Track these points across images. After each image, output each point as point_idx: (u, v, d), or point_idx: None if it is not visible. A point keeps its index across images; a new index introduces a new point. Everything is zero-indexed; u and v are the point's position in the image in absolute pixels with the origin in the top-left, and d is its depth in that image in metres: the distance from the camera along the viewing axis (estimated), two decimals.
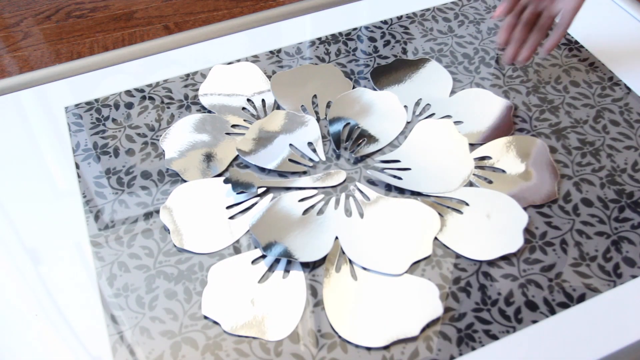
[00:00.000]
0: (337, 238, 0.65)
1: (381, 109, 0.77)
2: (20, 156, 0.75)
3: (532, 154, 0.72)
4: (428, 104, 0.79)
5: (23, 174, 0.73)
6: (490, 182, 0.70)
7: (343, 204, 0.69)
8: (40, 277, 0.64)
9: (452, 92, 0.80)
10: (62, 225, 0.68)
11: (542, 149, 0.72)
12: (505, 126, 0.75)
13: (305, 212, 0.68)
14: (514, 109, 0.77)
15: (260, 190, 0.70)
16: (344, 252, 0.64)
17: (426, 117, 0.77)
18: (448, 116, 0.77)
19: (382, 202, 0.68)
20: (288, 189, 0.70)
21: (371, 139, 0.74)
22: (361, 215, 0.67)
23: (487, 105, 0.78)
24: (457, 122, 0.76)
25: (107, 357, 0.58)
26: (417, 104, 0.79)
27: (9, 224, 0.68)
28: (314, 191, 0.70)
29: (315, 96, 0.80)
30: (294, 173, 0.72)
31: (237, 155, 0.73)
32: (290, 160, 0.73)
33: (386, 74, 0.82)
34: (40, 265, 0.65)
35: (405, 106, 0.78)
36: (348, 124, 0.76)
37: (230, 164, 0.73)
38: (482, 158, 0.72)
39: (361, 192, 0.70)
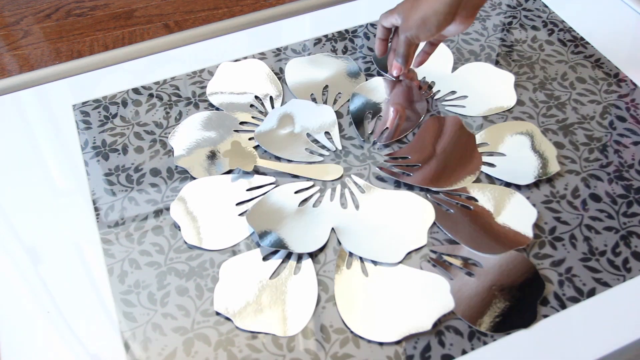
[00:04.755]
0: (333, 230, 0.66)
1: (400, 98, 0.78)
2: (28, 156, 0.75)
3: (525, 135, 0.74)
4: (433, 81, 0.80)
5: (32, 173, 0.73)
6: (493, 165, 0.71)
7: (339, 195, 0.69)
8: (52, 275, 0.64)
9: (454, 68, 0.83)
10: (72, 223, 0.68)
11: (533, 129, 0.74)
12: (508, 96, 0.78)
13: (301, 203, 0.68)
14: (514, 79, 0.80)
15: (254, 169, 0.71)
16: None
17: (432, 95, 0.79)
18: (452, 92, 0.79)
19: (378, 194, 0.69)
20: (289, 178, 0.70)
21: (394, 128, 0.76)
22: (357, 206, 0.68)
23: (489, 78, 0.81)
24: (461, 97, 0.79)
25: (120, 354, 0.58)
26: (422, 81, 0.80)
27: (19, 223, 0.68)
28: (310, 183, 0.70)
29: (326, 87, 0.81)
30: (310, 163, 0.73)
31: None
32: (306, 149, 0.73)
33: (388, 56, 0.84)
34: (51, 263, 0.65)
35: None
36: (370, 112, 0.77)
37: None
38: (479, 145, 0.73)
39: (356, 184, 0.70)
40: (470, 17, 0.67)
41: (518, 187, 0.69)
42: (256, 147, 0.74)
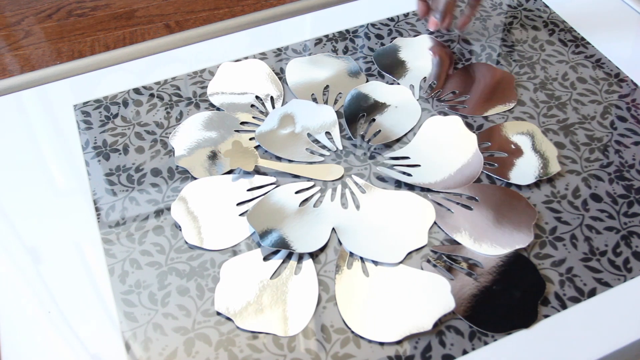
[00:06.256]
0: (334, 230, 0.66)
1: (395, 102, 0.78)
2: (29, 156, 0.75)
3: (526, 135, 0.74)
4: (434, 82, 0.80)
5: (33, 173, 0.73)
6: (494, 165, 0.71)
7: (339, 195, 0.69)
8: (52, 275, 0.64)
9: (455, 68, 0.83)
10: (73, 223, 0.68)
11: (533, 129, 0.74)
12: (510, 95, 0.78)
13: (302, 203, 0.68)
14: (515, 78, 0.80)
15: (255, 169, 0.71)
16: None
17: (432, 95, 0.79)
18: (454, 92, 0.79)
19: (378, 194, 0.69)
20: (289, 177, 0.70)
21: (386, 131, 0.75)
22: (357, 207, 0.68)
23: (489, 77, 0.81)
24: (462, 97, 0.79)
25: (121, 354, 0.58)
26: (424, 81, 0.81)
27: (19, 223, 0.68)
28: (311, 183, 0.70)
29: (327, 87, 0.81)
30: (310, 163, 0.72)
31: None
32: (306, 149, 0.73)
33: (389, 55, 0.84)
34: (52, 263, 0.65)
35: (411, 85, 0.80)
36: (363, 115, 0.77)
37: None
38: (480, 145, 0.73)
39: (357, 184, 0.70)
40: None
41: (519, 187, 0.69)
42: (257, 147, 0.74)
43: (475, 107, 0.77)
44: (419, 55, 0.84)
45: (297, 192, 0.69)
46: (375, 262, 0.63)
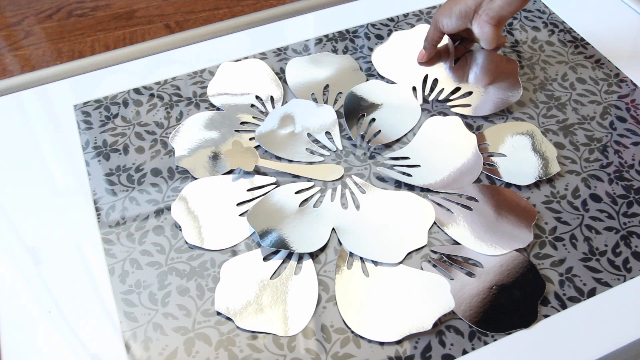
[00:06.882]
0: (334, 230, 0.66)
1: (395, 102, 0.78)
2: (29, 156, 0.75)
3: (526, 135, 0.74)
4: (435, 79, 0.80)
5: (33, 173, 0.73)
6: (493, 165, 0.71)
7: (339, 196, 0.69)
8: (53, 275, 0.64)
9: (456, 60, 0.83)
10: (73, 223, 0.68)
11: (533, 130, 0.74)
12: (513, 84, 0.78)
13: (302, 204, 0.68)
14: (518, 65, 0.80)
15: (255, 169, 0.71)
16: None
17: (435, 96, 0.79)
18: (457, 88, 0.79)
19: (378, 194, 0.69)
20: (289, 177, 0.70)
21: (386, 131, 0.75)
22: (357, 207, 0.68)
23: (492, 67, 0.80)
24: (466, 94, 0.79)
25: (121, 354, 0.58)
26: (425, 81, 0.81)
27: (20, 223, 0.68)
28: (311, 183, 0.70)
29: (327, 87, 0.81)
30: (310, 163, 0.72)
31: None
32: (306, 149, 0.74)
33: (388, 56, 0.85)
34: (53, 263, 0.65)
35: (414, 87, 0.80)
36: (363, 115, 0.77)
37: None
38: (480, 145, 0.73)
39: (357, 184, 0.70)
40: (488, 22, 0.71)
41: (518, 188, 0.69)
42: (257, 147, 0.74)
43: (479, 106, 0.77)
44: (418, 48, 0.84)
45: (297, 192, 0.69)
46: (375, 262, 0.63)
